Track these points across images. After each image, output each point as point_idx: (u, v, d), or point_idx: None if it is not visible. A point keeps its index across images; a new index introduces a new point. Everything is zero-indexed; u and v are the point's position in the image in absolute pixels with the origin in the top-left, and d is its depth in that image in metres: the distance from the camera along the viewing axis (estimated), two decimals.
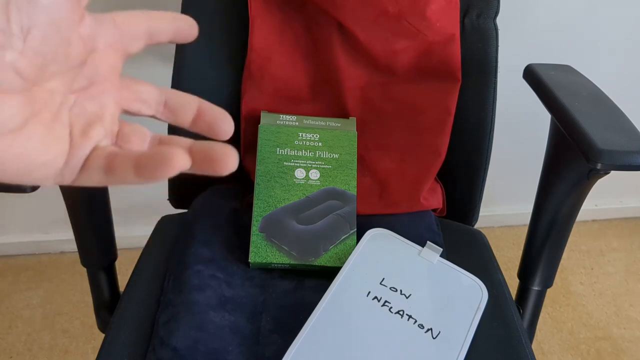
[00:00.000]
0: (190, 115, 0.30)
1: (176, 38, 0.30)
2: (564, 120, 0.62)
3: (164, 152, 0.24)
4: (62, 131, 0.26)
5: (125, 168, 0.25)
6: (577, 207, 0.68)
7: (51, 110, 0.25)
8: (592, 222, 1.59)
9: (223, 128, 0.30)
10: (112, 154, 0.26)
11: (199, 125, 0.30)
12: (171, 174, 0.24)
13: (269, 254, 0.67)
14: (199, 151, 0.27)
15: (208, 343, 0.58)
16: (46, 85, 0.24)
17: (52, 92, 0.25)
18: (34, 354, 1.17)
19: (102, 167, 0.26)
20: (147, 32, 0.29)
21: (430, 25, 0.73)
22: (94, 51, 0.26)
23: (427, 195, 0.78)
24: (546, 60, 0.76)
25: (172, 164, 0.24)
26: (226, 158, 0.26)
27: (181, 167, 0.24)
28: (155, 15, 0.29)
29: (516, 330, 0.63)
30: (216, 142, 0.27)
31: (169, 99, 0.30)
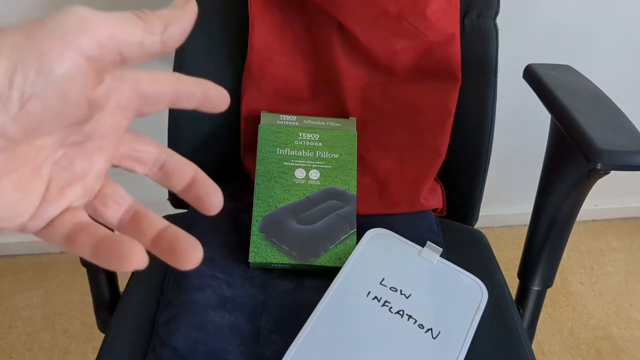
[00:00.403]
0: (183, 183, 0.29)
1: (203, 106, 0.28)
2: (564, 120, 0.62)
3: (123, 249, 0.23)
4: (38, 187, 0.24)
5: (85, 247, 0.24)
6: (577, 207, 0.68)
7: (33, 166, 0.23)
8: (592, 222, 1.58)
9: (213, 203, 0.28)
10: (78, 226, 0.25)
11: (188, 195, 0.29)
12: (124, 269, 0.23)
13: (269, 254, 0.67)
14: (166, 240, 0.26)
15: (208, 343, 0.58)
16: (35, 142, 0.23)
17: (40, 147, 0.23)
18: (34, 354, 1.17)
19: (64, 234, 0.25)
20: (171, 97, 0.27)
21: (430, 25, 0.73)
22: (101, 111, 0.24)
23: (427, 195, 0.78)
24: (546, 60, 0.76)
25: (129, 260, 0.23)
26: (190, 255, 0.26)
27: (137, 266, 0.23)
28: (184, 80, 0.27)
29: (516, 330, 0.63)
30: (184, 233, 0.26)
31: (167, 162, 0.29)
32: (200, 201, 0.29)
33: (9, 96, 0.20)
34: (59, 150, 0.24)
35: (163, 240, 0.26)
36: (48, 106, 0.21)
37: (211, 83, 0.28)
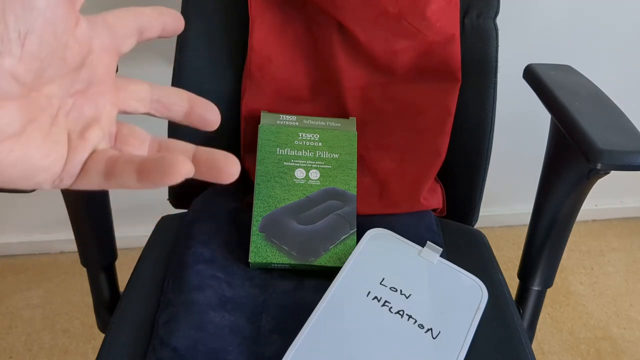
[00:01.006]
0: (183, 109, 0.30)
1: (164, 33, 0.30)
2: (564, 120, 0.62)
3: (169, 159, 0.24)
4: (60, 135, 0.26)
5: (127, 173, 0.25)
6: (577, 207, 0.68)
7: (49, 114, 0.25)
8: (592, 222, 1.59)
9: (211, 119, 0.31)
10: (112, 158, 0.26)
11: (192, 118, 0.31)
12: (175, 181, 0.24)
13: (269, 254, 0.67)
14: (203, 159, 0.27)
15: (208, 343, 0.58)
16: (44, 90, 0.24)
17: (49, 96, 0.25)
18: (34, 354, 1.17)
19: (101, 171, 0.26)
20: (137, 30, 0.29)
21: (430, 25, 0.73)
22: (90, 53, 0.26)
23: (427, 195, 0.78)
24: (546, 60, 0.76)
25: (177, 171, 0.24)
26: (230, 167, 0.27)
27: (185, 174, 0.24)
28: (142, 11, 0.29)
29: (516, 330, 0.63)
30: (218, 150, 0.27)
31: (162, 96, 0.30)
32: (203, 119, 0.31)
33: (8, 37, 0.21)
34: (67, 100, 0.26)
35: (200, 160, 0.27)
36: (43, 42, 0.22)
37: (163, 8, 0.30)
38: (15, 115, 0.23)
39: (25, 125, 0.24)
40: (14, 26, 0.21)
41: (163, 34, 0.30)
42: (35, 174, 0.25)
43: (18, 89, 0.23)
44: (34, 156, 0.24)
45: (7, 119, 0.23)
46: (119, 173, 0.26)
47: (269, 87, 0.77)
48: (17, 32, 0.22)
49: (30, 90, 0.23)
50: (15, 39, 0.22)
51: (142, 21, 0.29)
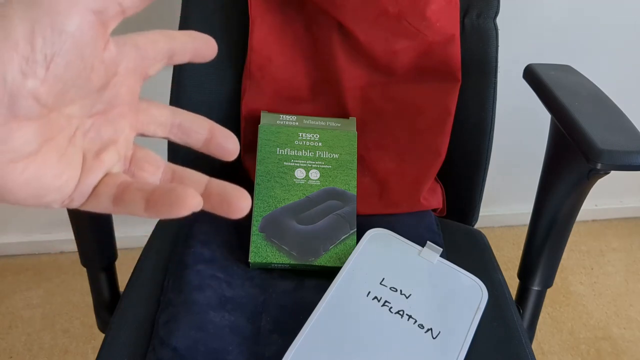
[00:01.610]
0: (202, 137, 0.30)
1: (195, 58, 0.29)
2: (564, 120, 0.62)
3: (178, 191, 0.24)
4: (76, 156, 0.25)
5: (136, 201, 0.25)
6: (577, 207, 0.68)
7: (66, 134, 0.25)
8: (592, 222, 1.59)
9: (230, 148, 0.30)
10: (123, 184, 0.26)
11: (210, 147, 0.30)
12: (182, 214, 0.24)
13: (269, 254, 0.67)
14: (215, 192, 0.27)
15: (208, 343, 0.58)
16: (64, 110, 0.24)
17: (69, 116, 0.25)
18: (34, 354, 1.17)
19: (111, 196, 0.26)
20: (167, 54, 0.28)
21: (430, 25, 0.73)
22: (115, 76, 0.26)
23: (427, 195, 0.78)
24: (546, 60, 0.76)
25: (185, 204, 0.24)
26: (241, 202, 0.26)
27: (193, 208, 0.24)
28: (174, 35, 0.28)
29: (516, 330, 0.63)
30: (230, 184, 0.27)
31: (182, 122, 0.30)
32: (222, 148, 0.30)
33: (34, 59, 0.21)
34: (86, 121, 0.26)
35: (212, 194, 0.27)
36: (69, 64, 0.22)
37: (197, 33, 0.29)
38: (33, 135, 0.23)
39: (42, 145, 0.23)
40: (41, 48, 0.21)
41: (194, 59, 0.29)
42: (46, 193, 0.25)
43: (39, 110, 0.22)
44: (47, 176, 0.24)
45: (25, 139, 0.23)
46: (129, 200, 0.25)
47: (269, 87, 0.77)
48: (43, 55, 0.21)
49: (50, 110, 0.23)
50: (41, 61, 0.21)
51: (173, 45, 0.28)
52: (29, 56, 0.21)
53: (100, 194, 0.26)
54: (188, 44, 0.29)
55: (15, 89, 0.21)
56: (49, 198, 0.25)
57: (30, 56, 0.21)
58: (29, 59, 0.21)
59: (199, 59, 0.30)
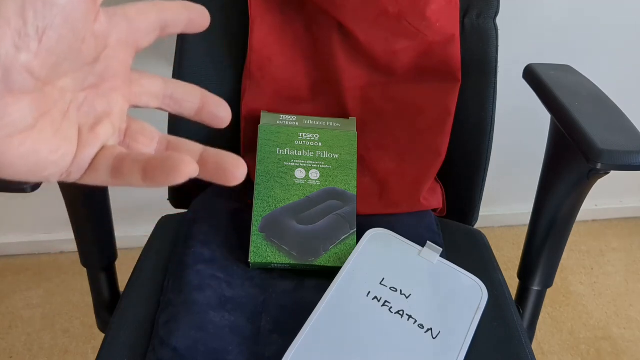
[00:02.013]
0: (194, 106, 0.30)
1: (188, 28, 0.29)
2: (564, 120, 0.62)
3: (174, 159, 0.24)
4: (71, 129, 0.26)
5: (133, 171, 0.25)
6: (577, 207, 0.68)
7: (61, 108, 0.25)
8: (592, 222, 1.59)
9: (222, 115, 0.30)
10: (120, 156, 0.26)
11: (202, 115, 0.30)
12: (179, 180, 0.24)
13: (269, 254, 0.67)
14: (211, 160, 0.27)
15: (208, 343, 0.58)
16: (57, 84, 0.24)
17: (63, 90, 0.25)
18: (34, 354, 1.17)
19: (109, 168, 0.26)
20: (160, 24, 0.28)
21: (430, 25, 0.73)
22: (106, 48, 0.26)
23: (427, 195, 0.78)
24: (546, 60, 0.76)
25: (181, 170, 0.24)
26: (237, 169, 0.27)
27: (189, 174, 0.24)
28: (166, 6, 0.28)
29: (516, 330, 0.63)
30: (226, 152, 0.27)
31: (175, 91, 0.30)
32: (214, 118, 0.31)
33: (26, 33, 0.21)
34: (80, 94, 0.26)
35: (207, 161, 0.27)
36: (61, 38, 0.22)
37: (189, 3, 0.29)
38: (28, 109, 0.23)
39: (37, 119, 0.24)
40: (32, 22, 0.21)
41: (187, 29, 0.29)
42: (44, 167, 0.25)
43: (33, 83, 0.23)
44: (43, 150, 0.24)
45: (21, 113, 0.23)
46: (126, 172, 0.26)
47: (269, 87, 0.77)
48: (35, 28, 0.21)
49: (44, 84, 0.23)
50: (33, 35, 0.22)
51: (166, 16, 0.28)
52: (21, 30, 0.21)
53: (98, 167, 0.26)
54: (181, 14, 0.29)
55: (9, 63, 0.21)
56: (47, 172, 0.25)
57: (23, 30, 0.21)
58: (21, 33, 0.21)
59: (192, 30, 0.30)
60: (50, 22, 0.22)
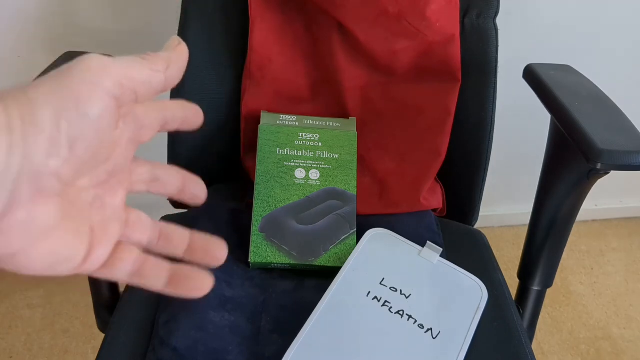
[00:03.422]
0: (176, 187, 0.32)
1: (183, 125, 0.31)
2: (564, 120, 0.62)
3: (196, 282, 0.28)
4: (84, 227, 0.27)
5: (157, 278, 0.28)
6: (577, 207, 0.68)
7: (79, 207, 0.26)
8: (592, 222, 1.58)
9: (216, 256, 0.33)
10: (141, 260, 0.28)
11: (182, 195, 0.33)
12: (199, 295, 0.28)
13: (269, 254, 0.67)
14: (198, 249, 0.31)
15: (208, 343, 0.58)
16: (76, 184, 0.25)
17: (80, 189, 0.26)
18: (34, 354, 1.17)
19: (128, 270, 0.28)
20: (161, 122, 0.30)
21: (430, 25, 0.73)
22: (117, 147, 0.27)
23: (427, 195, 0.78)
24: (546, 60, 0.76)
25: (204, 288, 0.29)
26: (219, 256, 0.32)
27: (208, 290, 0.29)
28: (166, 106, 0.30)
29: (516, 330, 0.63)
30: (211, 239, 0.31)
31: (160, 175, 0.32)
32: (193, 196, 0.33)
33: (59, 141, 0.22)
34: (91, 191, 0.27)
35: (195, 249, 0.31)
36: (89, 147, 0.24)
37: (186, 103, 0.31)
38: (52, 211, 0.24)
39: (60, 220, 0.24)
40: (66, 132, 0.23)
41: (183, 126, 0.31)
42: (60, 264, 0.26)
43: (59, 187, 0.23)
44: (61, 250, 0.25)
45: (46, 216, 0.24)
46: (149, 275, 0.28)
47: (269, 87, 0.77)
48: (67, 138, 0.23)
49: (68, 186, 0.24)
50: (64, 143, 0.23)
51: (166, 115, 0.30)
52: (55, 137, 0.22)
53: (116, 267, 0.28)
54: (178, 113, 0.31)
55: (40, 169, 0.22)
56: (60, 268, 0.26)
57: (56, 138, 0.22)
58: (54, 142, 0.22)
59: (186, 127, 0.31)
60: (81, 132, 0.23)
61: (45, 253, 0.24)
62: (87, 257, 0.27)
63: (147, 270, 0.28)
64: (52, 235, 0.24)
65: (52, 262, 0.25)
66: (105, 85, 0.24)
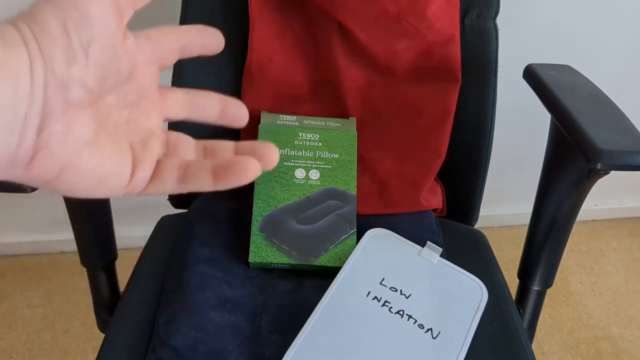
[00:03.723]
0: (216, 111, 0.32)
1: (205, 50, 0.32)
2: (564, 120, 0.62)
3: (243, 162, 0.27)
4: (125, 144, 0.27)
5: (203, 176, 0.28)
6: (577, 207, 0.68)
7: (112, 123, 0.26)
8: (592, 222, 1.58)
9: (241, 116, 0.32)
10: (184, 165, 0.28)
11: (224, 118, 0.32)
12: (246, 181, 0.27)
13: (269, 254, 0.67)
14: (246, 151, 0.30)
15: (208, 343, 0.58)
16: (104, 100, 0.26)
17: (109, 106, 0.26)
18: (34, 354, 1.17)
19: (175, 177, 0.28)
20: (179, 46, 0.30)
21: (430, 26, 0.73)
22: (137, 66, 0.27)
23: (427, 195, 0.78)
24: (546, 60, 0.76)
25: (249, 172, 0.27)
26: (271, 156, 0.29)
27: (255, 175, 0.27)
28: (185, 29, 0.31)
29: (516, 330, 0.63)
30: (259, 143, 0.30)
31: (196, 99, 0.32)
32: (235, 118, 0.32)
33: (73, 47, 0.23)
34: (123, 112, 0.28)
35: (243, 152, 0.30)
36: (103, 50, 0.24)
37: (204, 27, 0.32)
38: (88, 122, 0.24)
39: (97, 133, 0.25)
40: (76, 37, 0.23)
41: (204, 51, 0.32)
42: (109, 180, 0.26)
43: (87, 96, 0.24)
44: (107, 163, 0.26)
45: (84, 127, 0.24)
46: (195, 177, 0.28)
47: (269, 87, 0.77)
48: (79, 42, 0.23)
49: (96, 98, 0.25)
50: (79, 49, 0.23)
51: (184, 38, 0.30)
52: (68, 45, 0.23)
53: (164, 177, 0.28)
54: (197, 37, 0.31)
55: (65, 78, 0.23)
56: (111, 185, 0.26)
57: (69, 45, 0.23)
58: (68, 49, 0.23)
59: (208, 51, 0.32)
60: (91, 36, 0.23)
61: (91, 166, 0.25)
62: (134, 174, 0.27)
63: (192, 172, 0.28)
64: (94, 147, 0.25)
65: (100, 177, 0.25)
66: None
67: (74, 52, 0.23)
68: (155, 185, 0.28)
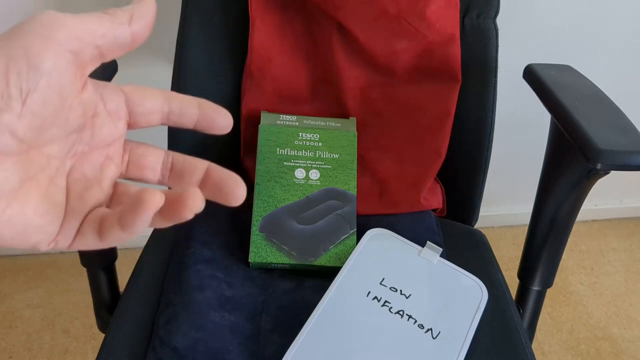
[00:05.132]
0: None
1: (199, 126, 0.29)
2: (564, 120, 0.62)
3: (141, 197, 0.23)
4: (58, 195, 0.26)
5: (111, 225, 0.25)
6: (577, 207, 0.68)
7: (48, 174, 0.25)
8: (592, 222, 1.58)
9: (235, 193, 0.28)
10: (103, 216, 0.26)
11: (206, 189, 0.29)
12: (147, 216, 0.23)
13: (269, 254, 0.67)
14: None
15: (208, 343, 0.58)
16: (44, 150, 0.25)
17: (49, 156, 0.25)
18: (34, 354, 1.17)
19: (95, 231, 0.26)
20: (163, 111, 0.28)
21: (430, 26, 0.73)
22: (96, 116, 0.26)
23: (427, 195, 0.78)
24: (546, 60, 0.76)
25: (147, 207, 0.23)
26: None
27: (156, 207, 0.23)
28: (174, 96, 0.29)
29: (516, 330, 0.63)
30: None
31: (176, 162, 0.30)
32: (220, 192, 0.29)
33: (9, 94, 0.22)
34: (68, 162, 0.26)
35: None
36: (47, 101, 0.23)
37: (206, 102, 0.29)
38: (12, 171, 0.23)
39: (22, 181, 0.24)
40: (15, 84, 0.22)
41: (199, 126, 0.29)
42: (30, 233, 0.24)
43: (16, 145, 0.23)
44: (29, 215, 0.24)
45: (4, 175, 0.23)
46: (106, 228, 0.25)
47: (269, 87, 0.77)
48: (18, 90, 0.22)
49: (29, 147, 0.23)
50: (16, 97, 0.22)
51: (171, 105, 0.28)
52: (4, 91, 0.22)
53: (85, 231, 0.26)
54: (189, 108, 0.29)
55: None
56: (34, 238, 0.25)
57: (5, 91, 0.22)
58: (3, 94, 0.22)
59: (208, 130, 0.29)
60: (34, 85, 0.22)
61: (11, 217, 0.23)
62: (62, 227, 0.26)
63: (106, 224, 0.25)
64: (15, 198, 0.23)
65: (22, 229, 0.24)
66: (58, 38, 0.23)
67: (9, 98, 0.22)
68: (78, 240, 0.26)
